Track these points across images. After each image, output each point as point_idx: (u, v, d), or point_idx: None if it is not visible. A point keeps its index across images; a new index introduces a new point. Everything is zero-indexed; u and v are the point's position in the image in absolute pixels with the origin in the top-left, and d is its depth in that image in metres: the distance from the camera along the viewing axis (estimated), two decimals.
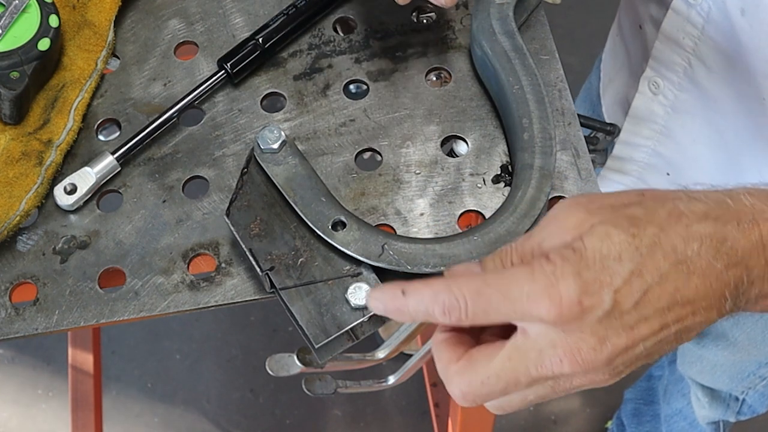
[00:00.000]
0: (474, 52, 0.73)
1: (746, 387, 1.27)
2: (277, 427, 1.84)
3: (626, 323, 0.46)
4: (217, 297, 0.66)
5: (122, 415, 1.84)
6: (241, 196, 0.65)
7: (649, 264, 0.46)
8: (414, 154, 0.71)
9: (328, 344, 0.62)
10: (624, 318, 0.46)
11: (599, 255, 0.46)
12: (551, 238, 0.48)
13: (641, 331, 0.46)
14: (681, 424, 1.51)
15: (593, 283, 0.45)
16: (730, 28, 0.74)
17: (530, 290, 0.46)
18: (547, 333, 0.46)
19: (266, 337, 1.91)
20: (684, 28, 0.79)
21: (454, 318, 0.47)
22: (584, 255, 0.46)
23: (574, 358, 0.46)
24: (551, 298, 0.45)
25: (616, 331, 0.46)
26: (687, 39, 0.80)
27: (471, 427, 1.25)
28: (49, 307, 0.65)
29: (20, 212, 0.66)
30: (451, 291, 0.47)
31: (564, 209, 0.49)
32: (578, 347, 0.46)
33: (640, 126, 0.91)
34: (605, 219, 0.47)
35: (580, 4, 2.10)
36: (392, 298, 0.49)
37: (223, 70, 0.73)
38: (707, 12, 0.76)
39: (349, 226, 0.63)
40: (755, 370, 1.21)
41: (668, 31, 0.82)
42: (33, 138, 0.69)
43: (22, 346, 1.90)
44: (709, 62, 0.79)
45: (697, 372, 1.31)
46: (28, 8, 0.70)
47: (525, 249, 0.49)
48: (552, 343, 0.46)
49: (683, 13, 0.78)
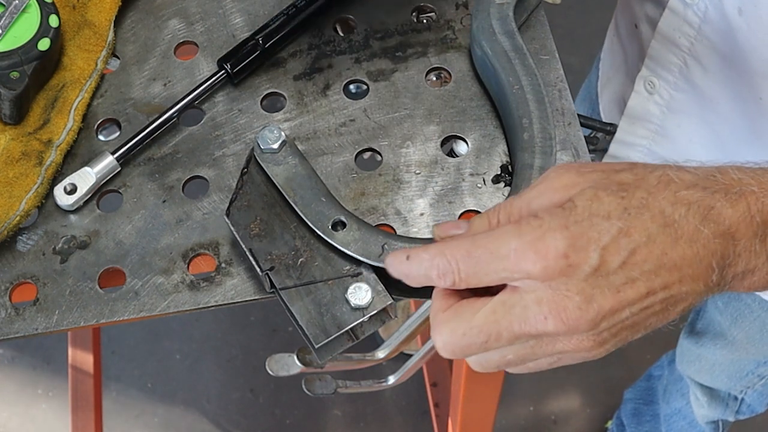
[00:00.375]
0: (474, 52, 0.73)
1: (745, 386, 1.27)
2: (277, 427, 1.84)
3: (612, 284, 0.46)
4: (217, 297, 0.66)
5: (122, 415, 1.84)
6: (241, 196, 0.65)
7: (637, 224, 0.46)
8: (414, 154, 0.71)
9: (328, 344, 0.62)
10: (610, 278, 0.46)
11: (588, 213, 0.46)
12: (540, 197, 0.49)
13: (627, 294, 0.46)
14: (680, 424, 1.52)
15: (580, 237, 0.46)
16: (727, 27, 0.74)
17: (517, 245, 0.46)
18: (534, 290, 0.46)
19: (266, 337, 1.91)
20: (680, 27, 0.79)
21: (449, 281, 0.48)
22: (573, 212, 0.46)
23: (558, 316, 0.46)
24: (537, 252, 0.46)
25: (602, 291, 0.46)
26: (683, 38, 0.80)
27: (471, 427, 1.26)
28: (49, 307, 0.65)
29: (20, 212, 0.66)
30: (444, 255, 0.48)
31: (555, 171, 0.50)
32: (564, 305, 0.46)
33: (635, 125, 0.91)
34: (596, 182, 0.48)
35: (580, 4, 2.10)
36: (399, 263, 0.51)
37: (223, 70, 0.73)
38: (704, 11, 0.76)
39: (349, 226, 0.63)
40: (754, 369, 1.22)
41: (664, 31, 0.82)
42: (33, 138, 0.69)
43: (22, 346, 1.90)
44: (705, 62, 0.79)
45: (696, 371, 1.31)
46: (28, 8, 0.70)
47: (513, 208, 0.50)
48: (538, 299, 0.46)
49: (680, 12, 0.78)
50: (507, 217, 0.50)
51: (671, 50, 0.82)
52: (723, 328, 1.14)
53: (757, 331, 1.09)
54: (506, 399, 1.84)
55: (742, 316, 1.09)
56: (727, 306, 1.10)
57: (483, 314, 0.48)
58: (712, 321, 1.17)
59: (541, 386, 1.89)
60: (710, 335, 1.18)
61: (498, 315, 0.47)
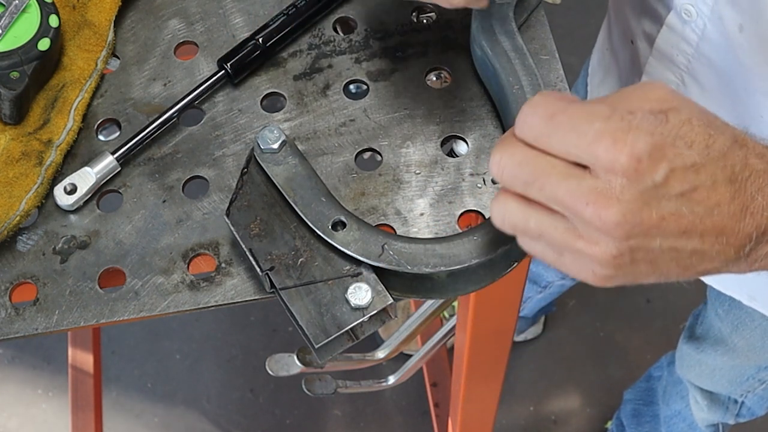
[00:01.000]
0: (474, 52, 0.73)
1: (745, 390, 1.27)
2: (277, 427, 1.84)
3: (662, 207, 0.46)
4: (217, 297, 0.66)
5: (122, 415, 1.84)
6: (241, 196, 0.65)
7: (710, 167, 0.47)
8: (414, 154, 0.71)
9: (328, 344, 0.62)
10: (663, 201, 0.46)
11: (675, 132, 0.47)
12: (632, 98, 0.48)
13: (669, 224, 0.47)
14: (680, 426, 1.51)
15: (659, 150, 0.46)
16: (726, 45, 0.74)
17: (600, 127, 0.46)
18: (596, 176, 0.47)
19: (266, 337, 1.91)
20: (678, 45, 0.79)
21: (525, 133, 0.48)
22: (665, 123, 0.46)
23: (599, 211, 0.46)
24: (616, 142, 0.46)
25: (649, 209, 0.46)
26: (681, 56, 0.79)
27: (471, 427, 1.26)
28: (49, 307, 0.65)
29: (20, 212, 0.66)
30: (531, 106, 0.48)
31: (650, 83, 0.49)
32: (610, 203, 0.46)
33: None
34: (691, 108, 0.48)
35: (580, 4, 2.10)
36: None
37: (223, 70, 0.73)
38: (702, 29, 0.75)
39: (349, 226, 0.63)
40: (754, 374, 1.21)
41: (662, 48, 0.81)
42: (33, 138, 0.69)
43: (22, 346, 1.90)
44: (703, 80, 0.79)
45: (696, 376, 1.31)
46: (28, 8, 0.70)
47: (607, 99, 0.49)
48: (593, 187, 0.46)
49: (678, 29, 0.78)
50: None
51: (669, 68, 0.82)
52: (723, 334, 1.14)
53: (758, 338, 1.09)
54: (506, 399, 1.85)
55: (742, 324, 1.08)
56: (728, 314, 1.10)
57: (544, 161, 0.48)
58: (711, 327, 1.17)
59: (541, 386, 1.89)
60: (710, 341, 1.18)
61: (554, 171, 0.47)
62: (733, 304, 1.07)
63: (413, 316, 1.19)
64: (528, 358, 1.90)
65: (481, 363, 1.01)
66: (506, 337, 0.95)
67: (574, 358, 1.90)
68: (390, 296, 0.62)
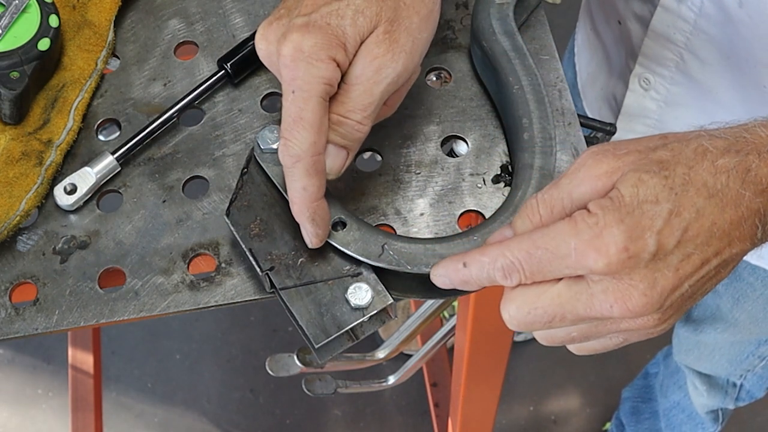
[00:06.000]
0: (474, 52, 0.73)
1: (745, 370, 1.27)
2: (277, 427, 1.84)
3: (671, 263, 0.48)
4: (217, 297, 0.66)
5: (122, 415, 1.84)
6: (241, 196, 0.65)
7: (685, 202, 0.48)
8: (414, 154, 0.71)
9: (328, 344, 0.62)
10: (668, 259, 0.47)
11: (637, 201, 0.47)
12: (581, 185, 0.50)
13: (686, 269, 0.48)
14: (680, 417, 1.51)
15: (636, 228, 0.47)
16: (725, 19, 0.74)
17: (576, 244, 0.47)
18: (599, 280, 0.48)
19: (266, 337, 1.92)
20: (675, 23, 0.79)
21: (515, 280, 0.50)
22: (623, 202, 0.47)
23: (624, 305, 0.47)
24: (598, 250, 0.47)
25: (662, 273, 0.47)
26: (678, 34, 0.79)
27: (471, 427, 1.26)
28: (49, 307, 0.65)
29: (20, 212, 0.66)
30: (505, 256, 0.49)
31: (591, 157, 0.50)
32: (629, 293, 0.47)
33: (633, 122, 0.91)
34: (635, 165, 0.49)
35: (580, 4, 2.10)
36: (455, 271, 0.52)
37: (223, 70, 0.73)
38: (699, 6, 0.75)
39: (349, 226, 0.63)
40: (754, 350, 1.21)
41: (658, 28, 0.81)
42: (33, 138, 0.69)
43: (22, 346, 1.90)
44: (703, 54, 0.79)
45: (694, 359, 1.30)
46: (28, 8, 0.70)
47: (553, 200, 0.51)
48: (604, 289, 0.48)
49: (673, 9, 0.78)
50: (549, 211, 0.51)
51: (666, 46, 0.82)
52: (723, 311, 1.14)
53: (760, 309, 1.09)
54: (506, 399, 1.85)
55: (744, 297, 1.08)
56: (728, 288, 1.09)
57: (549, 296, 0.49)
58: (709, 306, 1.17)
59: (541, 386, 1.89)
60: (709, 320, 1.18)
61: (563, 299, 0.49)
62: (732, 277, 1.07)
63: (413, 316, 1.19)
64: (528, 358, 1.90)
65: (481, 363, 1.01)
66: (506, 337, 0.95)
67: (574, 358, 1.90)
68: (390, 296, 0.62)
